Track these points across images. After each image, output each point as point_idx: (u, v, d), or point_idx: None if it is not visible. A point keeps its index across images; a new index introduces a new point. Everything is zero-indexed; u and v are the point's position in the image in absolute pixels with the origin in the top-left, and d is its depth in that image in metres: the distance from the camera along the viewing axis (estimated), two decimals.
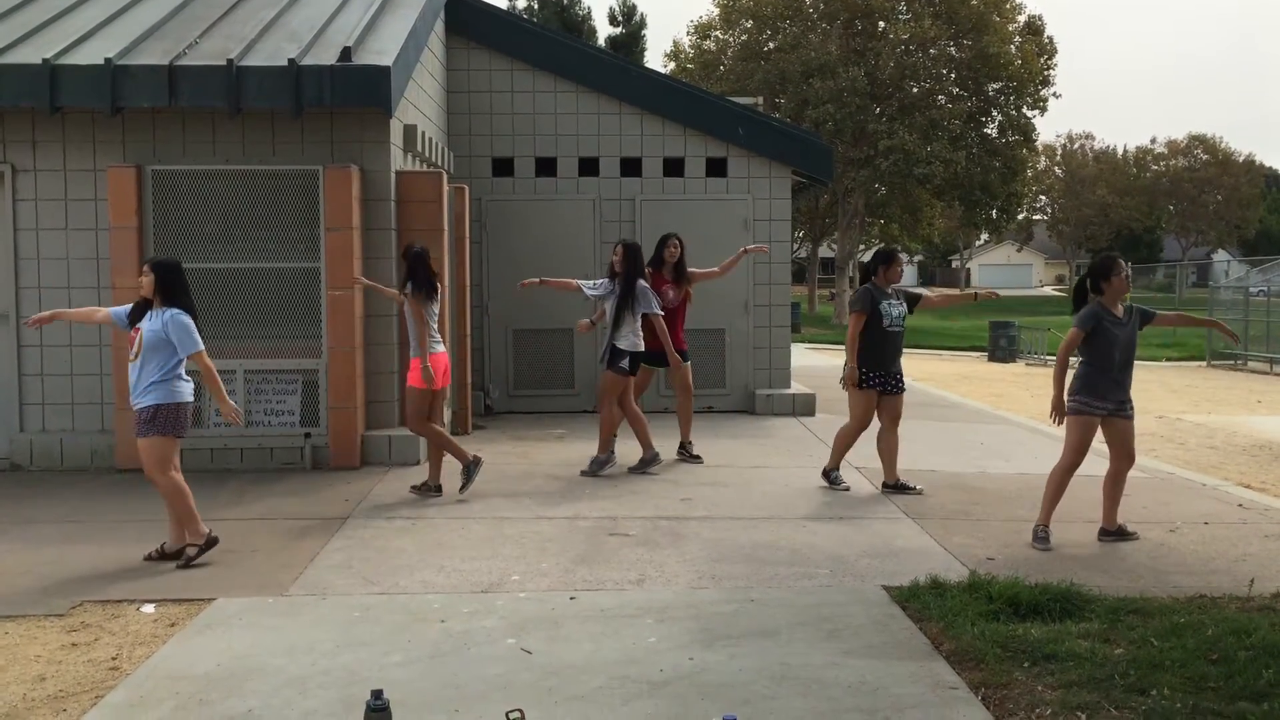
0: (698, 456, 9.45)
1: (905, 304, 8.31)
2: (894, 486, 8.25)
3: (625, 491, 8.25)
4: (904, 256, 8.57)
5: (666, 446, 9.38)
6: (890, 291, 8.29)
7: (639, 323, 8.80)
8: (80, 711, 4.27)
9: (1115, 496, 6.97)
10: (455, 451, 8.04)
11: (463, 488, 7.98)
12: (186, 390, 6.33)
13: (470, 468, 8.02)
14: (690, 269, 9.59)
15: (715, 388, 12.40)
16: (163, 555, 6.40)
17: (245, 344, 9.05)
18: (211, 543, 6.38)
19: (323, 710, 4.25)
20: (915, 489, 8.21)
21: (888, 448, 8.30)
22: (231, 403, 6.37)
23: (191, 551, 6.31)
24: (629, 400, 8.94)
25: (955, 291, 10.02)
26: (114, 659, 4.85)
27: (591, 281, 9.22)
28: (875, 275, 8.30)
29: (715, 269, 9.84)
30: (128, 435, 8.88)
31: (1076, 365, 6.92)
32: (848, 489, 8.33)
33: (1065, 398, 6.83)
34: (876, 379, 8.19)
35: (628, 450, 9.12)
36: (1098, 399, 6.79)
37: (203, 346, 6.29)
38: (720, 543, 6.77)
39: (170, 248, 9.00)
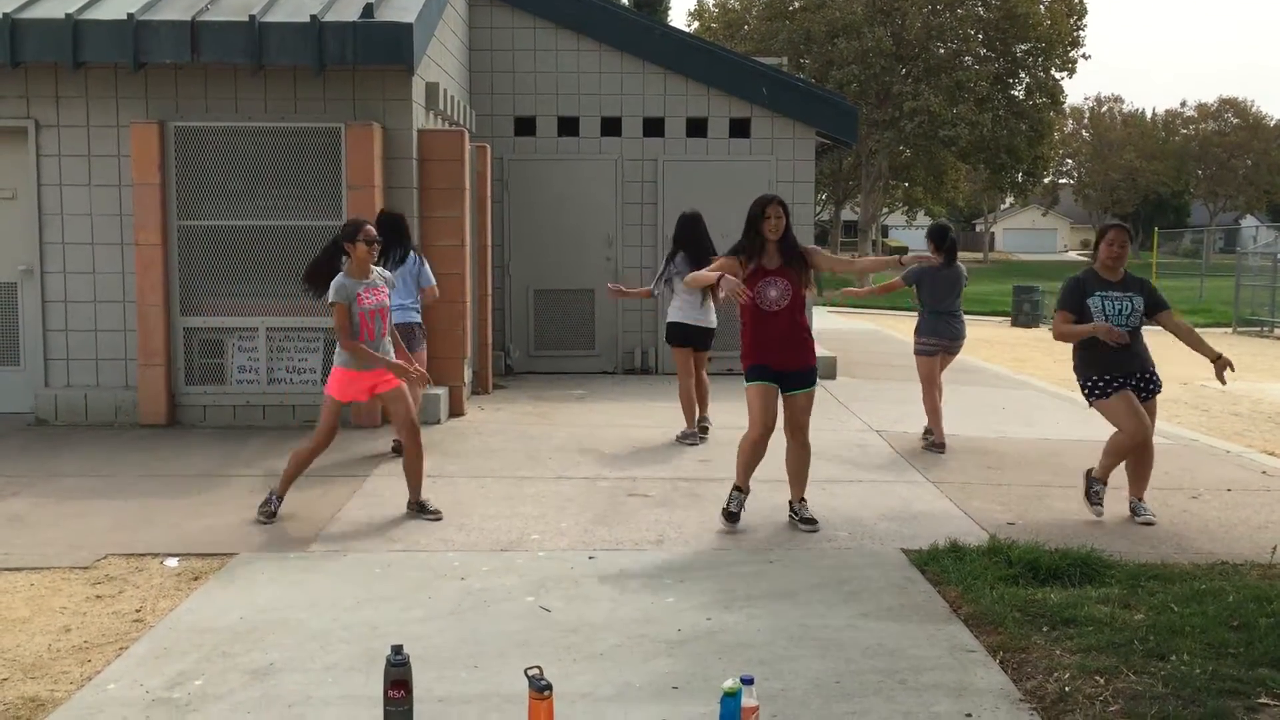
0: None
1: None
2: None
3: (644, 453, 8.26)
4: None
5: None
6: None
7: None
8: (104, 662, 4.32)
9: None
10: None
11: None
12: None
13: None
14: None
15: (737, 350, 12.32)
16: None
17: (267, 302, 9.07)
18: None
19: (344, 664, 4.29)
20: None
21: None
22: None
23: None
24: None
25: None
26: (138, 611, 4.90)
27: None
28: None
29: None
30: (149, 391, 8.98)
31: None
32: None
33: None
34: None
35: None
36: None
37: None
38: None
39: (193, 205, 9.03)
